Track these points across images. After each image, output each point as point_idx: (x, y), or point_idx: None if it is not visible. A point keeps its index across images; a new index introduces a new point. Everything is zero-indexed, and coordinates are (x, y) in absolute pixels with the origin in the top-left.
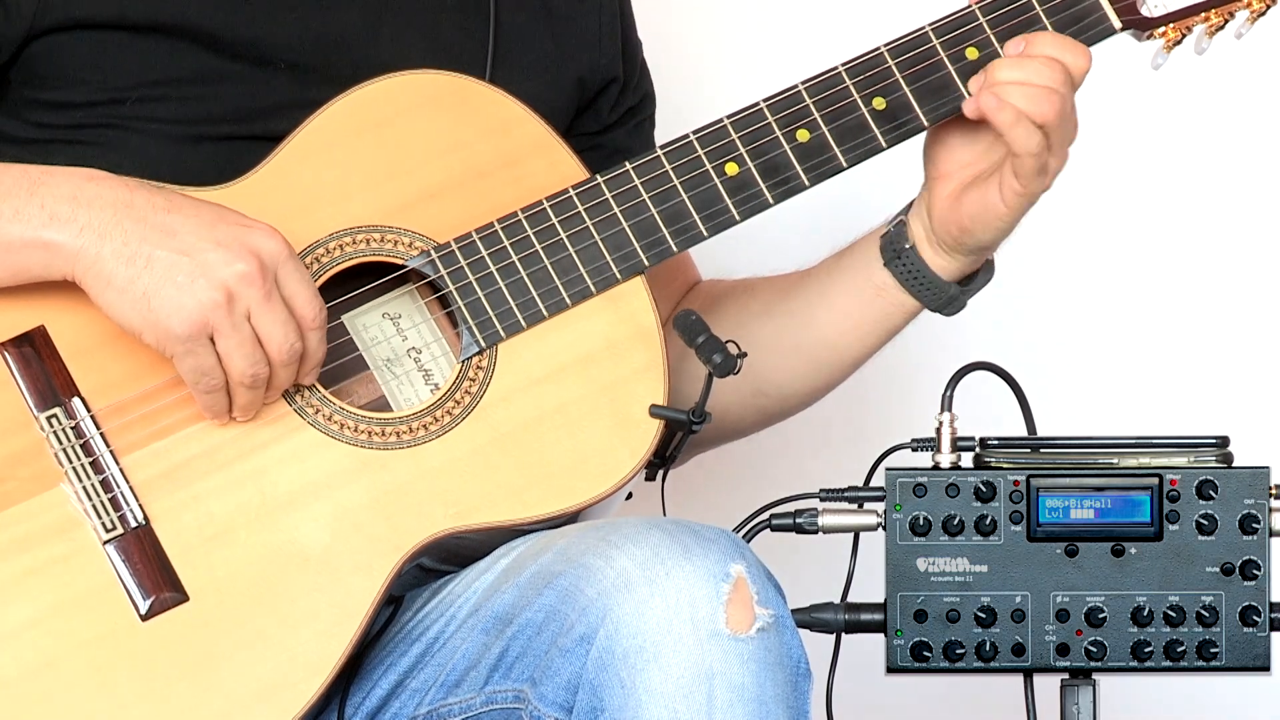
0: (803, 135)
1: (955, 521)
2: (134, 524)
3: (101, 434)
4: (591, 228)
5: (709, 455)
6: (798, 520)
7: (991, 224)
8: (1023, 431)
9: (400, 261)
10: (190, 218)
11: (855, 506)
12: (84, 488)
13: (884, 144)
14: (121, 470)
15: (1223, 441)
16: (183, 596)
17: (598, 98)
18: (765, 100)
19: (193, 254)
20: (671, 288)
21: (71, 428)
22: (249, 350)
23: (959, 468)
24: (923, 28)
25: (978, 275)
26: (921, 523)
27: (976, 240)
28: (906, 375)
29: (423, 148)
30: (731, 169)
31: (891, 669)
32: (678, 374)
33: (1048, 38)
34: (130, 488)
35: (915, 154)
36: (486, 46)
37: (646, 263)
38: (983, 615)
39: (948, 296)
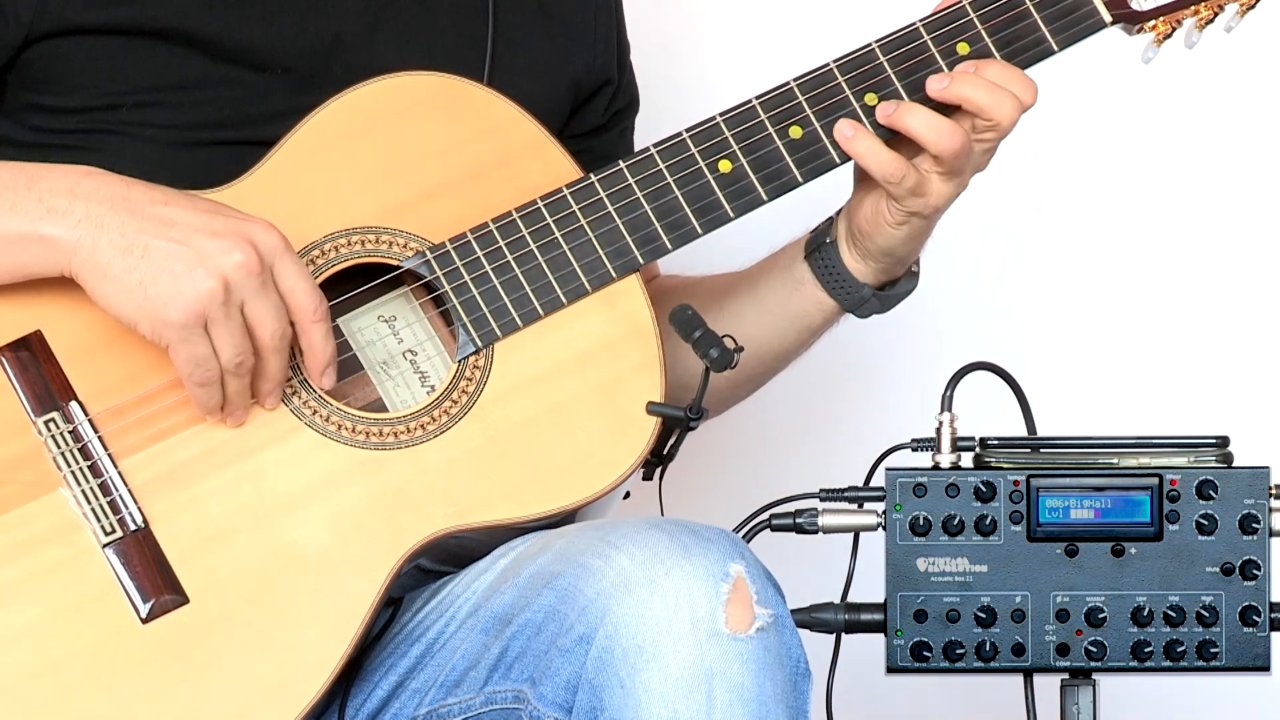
0: (796, 132)
1: (955, 521)
2: (133, 527)
3: (100, 437)
4: (586, 226)
5: (709, 455)
6: (798, 520)
7: (883, 230)
8: (1023, 431)
9: (395, 262)
10: (187, 210)
11: (855, 506)
12: (83, 491)
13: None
14: (120, 473)
15: (1223, 441)
16: (183, 599)
17: (592, 99)
18: (758, 97)
19: (190, 243)
20: None
21: (69, 431)
22: (238, 339)
23: (959, 468)
24: (914, 23)
25: (899, 283)
26: (921, 523)
27: (875, 244)
28: (906, 375)
29: (417, 149)
30: (725, 166)
31: (891, 669)
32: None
33: (996, 67)
34: (129, 490)
35: None
36: (483, 50)
37: (641, 260)
38: (983, 615)
39: (860, 297)
